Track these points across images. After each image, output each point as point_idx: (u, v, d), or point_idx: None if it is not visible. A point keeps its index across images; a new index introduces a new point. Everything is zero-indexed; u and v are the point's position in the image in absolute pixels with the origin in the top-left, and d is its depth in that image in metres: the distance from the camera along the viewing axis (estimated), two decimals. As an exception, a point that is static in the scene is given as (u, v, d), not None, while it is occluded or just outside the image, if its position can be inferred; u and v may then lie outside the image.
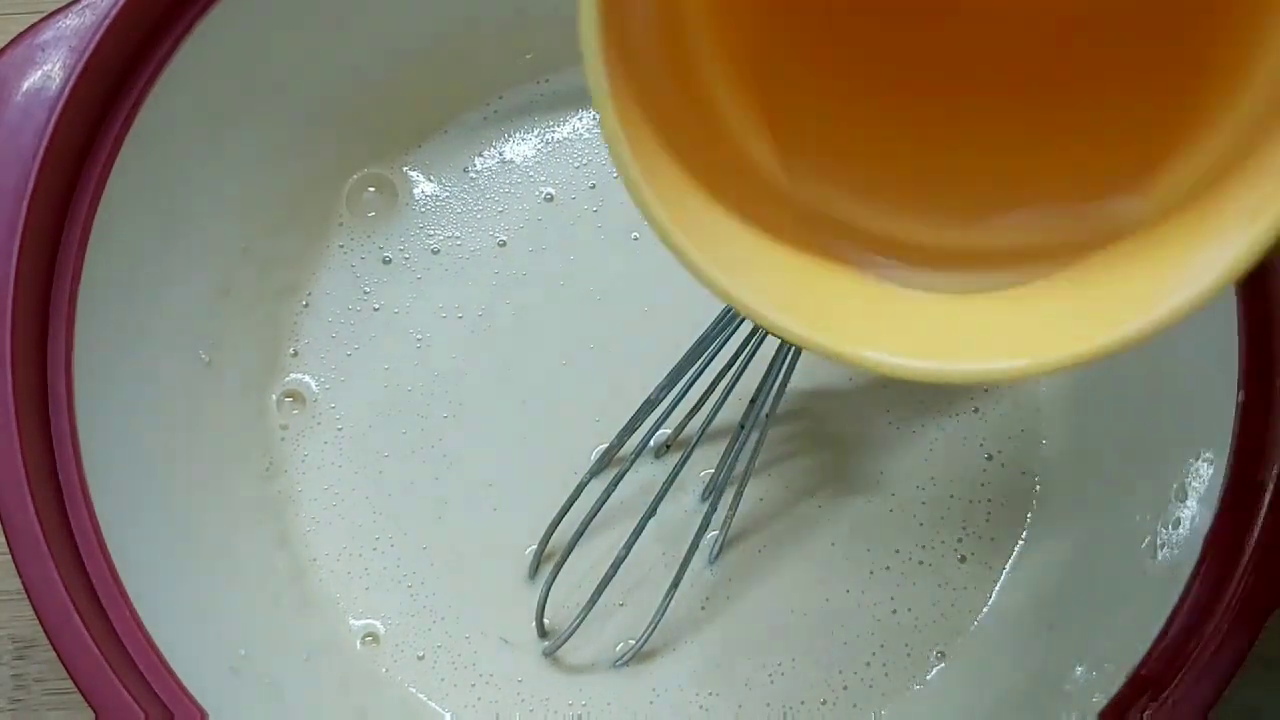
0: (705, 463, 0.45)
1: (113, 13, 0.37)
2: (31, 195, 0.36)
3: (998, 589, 0.45)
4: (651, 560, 0.45)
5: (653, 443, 0.45)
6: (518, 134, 0.49)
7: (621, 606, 0.45)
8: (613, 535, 0.45)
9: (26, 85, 0.37)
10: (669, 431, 0.45)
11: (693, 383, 0.43)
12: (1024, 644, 0.43)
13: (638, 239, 0.48)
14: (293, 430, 0.47)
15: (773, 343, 0.41)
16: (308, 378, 0.47)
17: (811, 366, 0.46)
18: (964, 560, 0.45)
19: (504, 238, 0.49)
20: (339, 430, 0.47)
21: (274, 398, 0.47)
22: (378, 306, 0.48)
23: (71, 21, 0.37)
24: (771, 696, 0.44)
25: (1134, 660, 0.36)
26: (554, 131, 0.49)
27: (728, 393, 0.44)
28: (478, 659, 0.45)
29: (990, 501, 0.46)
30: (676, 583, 0.44)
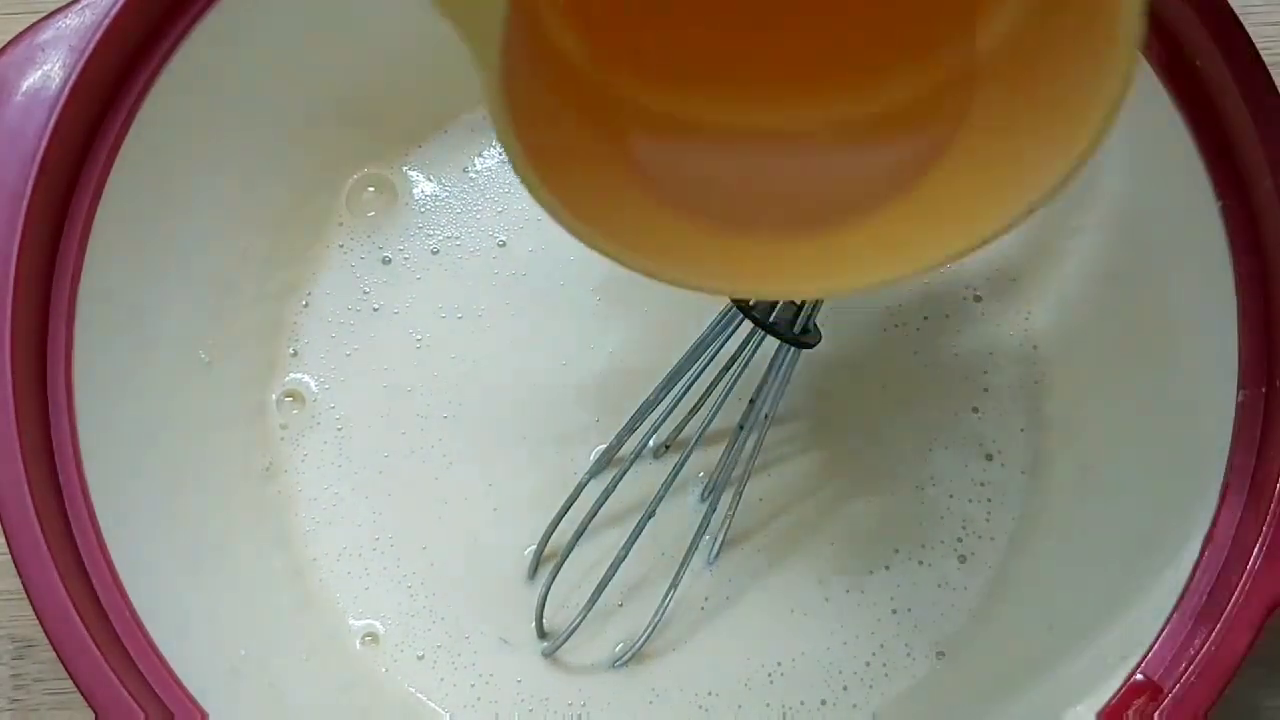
0: (705, 463, 0.45)
1: (113, 13, 0.37)
2: (31, 195, 0.36)
3: (997, 589, 0.45)
4: (651, 560, 0.45)
5: (652, 443, 0.45)
6: (518, 134, 0.49)
7: (621, 606, 0.45)
8: (612, 535, 0.45)
9: (26, 85, 0.37)
10: (669, 432, 0.45)
11: (692, 383, 0.43)
12: (1024, 644, 0.43)
13: (638, 239, 0.48)
14: (292, 430, 0.47)
15: (772, 343, 0.41)
16: (307, 377, 0.47)
17: (811, 367, 0.46)
18: (964, 560, 0.45)
19: (504, 238, 0.49)
20: (339, 430, 0.47)
21: (274, 397, 0.47)
22: (377, 306, 0.48)
23: (71, 21, 0.37)
24: (771, 696, 0.44)
25: (1134, 660, 0.36)
26: (554, 131, 0.49)
27: (727, 393, 0.44)
28: (477, 659, 0.45)
29: (990, 501, 0.46)
30: (676, 583, 0.44)
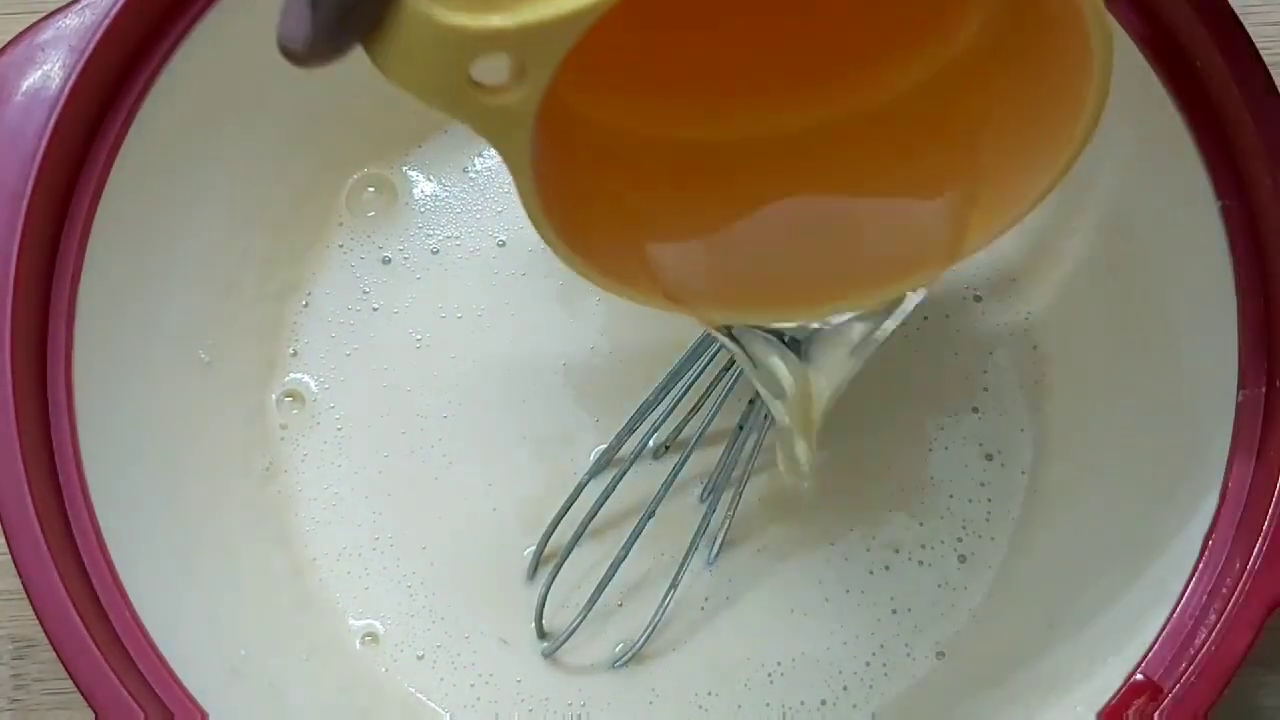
0: (705, 463, 0.45)
1: (113, 13, 0.37)
2: (31, 195, 0.36)
3: (997, 589, 0.45)
4: (651, 560, 0.45)
5: (652, 443, 0.45)
6: (517, 134, 0.49)
7: (621, 607, 0.45)
8: (612, 535, 0.45)
9: (26, 85, 0.37)
10: (669, 432, 0.45)
11: (692, 383, 0.43)
12: (1024, 644, 0.43)
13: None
14: (292, 430, 0.47)
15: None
16: (307, 377, 0.47)
17: (811, 366, 0.46)
18: (964, 560, 0.45)
19: (504, 238, 0.49)
20: (339, 430, 0.47)
21: (274, 397, 0.47)
22: (377, 306, 0.48)
23: (71, 21, 0.37)
24: (771, 696, 0.44)
25: (1134, 660, 0.36)
26: (554, 131, 0.49)
27: (727, 394, 0.44)
28: (477, 659, 0.45)
29: (990, 501, 0.46)
30: (676, 583, 0.44)
